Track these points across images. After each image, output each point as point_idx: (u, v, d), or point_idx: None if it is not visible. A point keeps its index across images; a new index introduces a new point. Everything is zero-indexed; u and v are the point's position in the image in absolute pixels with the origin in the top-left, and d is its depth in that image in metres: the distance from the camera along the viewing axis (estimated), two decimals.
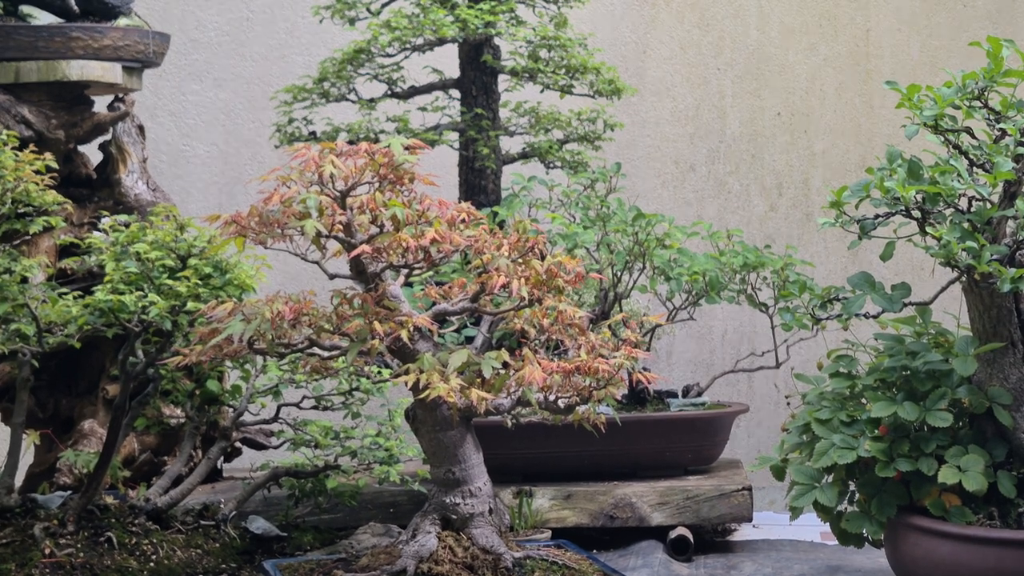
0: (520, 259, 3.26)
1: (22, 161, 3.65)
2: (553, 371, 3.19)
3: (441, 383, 3.08)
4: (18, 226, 3.70)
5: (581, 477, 4.34)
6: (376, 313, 3.19)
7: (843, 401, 3.69)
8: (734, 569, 4.10)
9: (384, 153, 3.22)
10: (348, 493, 3.99)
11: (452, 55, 4.95)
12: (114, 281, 3.60)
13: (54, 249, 4.29)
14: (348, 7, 4.83)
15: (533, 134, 4.93)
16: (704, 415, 4.46)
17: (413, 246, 3.18)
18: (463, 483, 3.37)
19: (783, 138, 5.83)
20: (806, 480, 3.62)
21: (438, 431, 3.35)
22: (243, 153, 5.73)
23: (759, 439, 5.66)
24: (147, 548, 3.71)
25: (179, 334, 3.62)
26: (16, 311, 3.63)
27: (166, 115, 5.72)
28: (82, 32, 4.35)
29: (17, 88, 4.33)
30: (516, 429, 3.70)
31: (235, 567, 3.80)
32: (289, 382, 3.99)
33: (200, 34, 5.75)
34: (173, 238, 3.67)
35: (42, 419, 4.38)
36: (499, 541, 3.37)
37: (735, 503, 4.29)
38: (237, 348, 3.19)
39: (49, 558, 3.56)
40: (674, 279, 4.42)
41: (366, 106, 4.82)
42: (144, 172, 4.60)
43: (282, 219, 3.16)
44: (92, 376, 4.44)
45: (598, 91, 4.88)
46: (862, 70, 5.84)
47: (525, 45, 4.85)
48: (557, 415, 3.35)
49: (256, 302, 3.22)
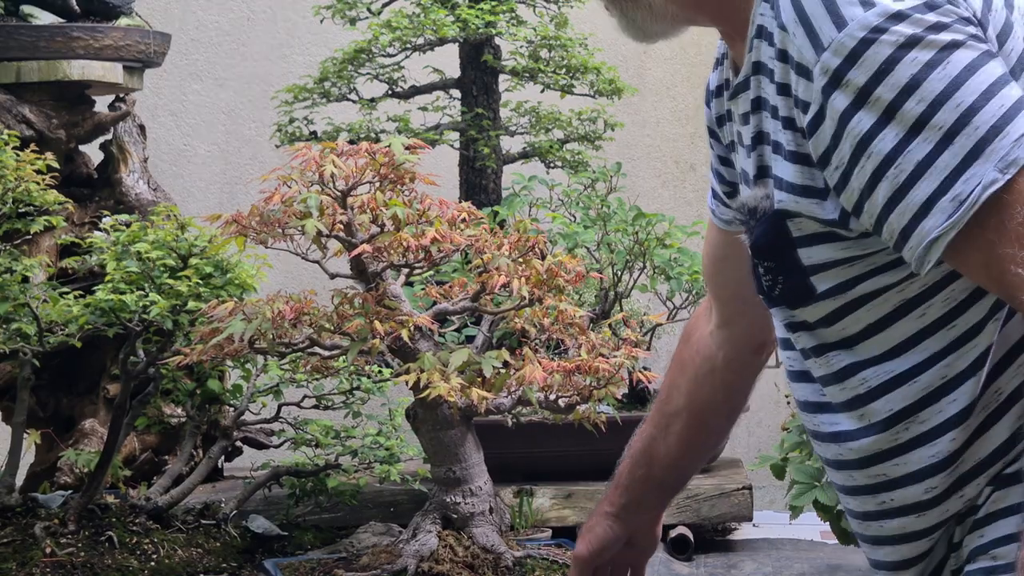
0: (521, 258, 3.27)
1: (23, 161, 3.66)
2: (554, 370, 3.20)
3: (442, 382, 3.09)
4: (19, 225, 3.70)
5: (582, 476, 4.34)
6: (377, 312, 3.19)
7: None
8: (734, 568, 4.10)
9: (385, 153, 3.22)
10: (349, 492, 3.99)
11: (453, 55, 4.95)
12: (115, 280, 3.60)
13: (55, 249, 4.29)
14: (349, 7, 4.83)
15: (534, 134, 4.93)
16: None
17: (414, 245, 3.18)
18: (464, 482, 3.37)
19: None
20: (806, 479, 3.62)
21: (439, 430, 3.36)
22: (244, 153, 5.73)
23: (759, 438, 5.66)
24: (148, 547, 3.71)
25: (180, 333, 3.62)
26: (17, 310, 3.63)
27: (167, 115, 5.72)
28: (83, 32, 4.35)
29: (18, 88, 4.33)
30: (517, 428, 3.70)
31: (236, 566, 3.80)
32: (290, 381, 3.99)
33: (201, 34, 5.76)
34: (174, 237, 3.67)
35: (43, 418, 4.39)
36: (500, 540, 3.37)
37: (735, 502, 4.29)
38: (238, 347, 3.19)
39: (50, 557, 3.57)
40: (674, 278, 4.42)
41: (367, 106, 4.82)
42: (145, 172, 4.60)
43: (283, 218, 3.16)
44: (93, 375, 4.44)
45: (599, 91, 4.88)
46: None
47: (526, 45, 4.85)
48: (558, 414, 3.35)
49: (257, 301, 3.23)
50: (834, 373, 1.53)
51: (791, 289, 1.51)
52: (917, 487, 1.51)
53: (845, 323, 1.50)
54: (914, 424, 1.49)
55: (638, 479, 2.03)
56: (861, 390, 1.51)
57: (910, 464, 1.51)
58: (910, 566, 1.57)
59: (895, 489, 1.53)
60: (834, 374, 1.54)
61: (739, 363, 1.91)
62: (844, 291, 1.48)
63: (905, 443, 1.50)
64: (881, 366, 1.49)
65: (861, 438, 1.53)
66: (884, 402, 1.50)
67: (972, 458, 1.49)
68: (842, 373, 1.53)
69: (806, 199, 1.45)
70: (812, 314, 1.52)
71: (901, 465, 1.52)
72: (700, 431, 1.98)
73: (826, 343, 1.53)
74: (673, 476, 2.05)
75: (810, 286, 1.49)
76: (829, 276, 1.48)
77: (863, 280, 1.47)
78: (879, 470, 1.53)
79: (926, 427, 1.49)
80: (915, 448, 1.50)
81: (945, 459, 1.49)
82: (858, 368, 1.51)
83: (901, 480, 1.52)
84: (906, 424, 1.49)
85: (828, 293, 1.49)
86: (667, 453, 2.00)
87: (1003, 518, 1.48)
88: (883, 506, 1.55)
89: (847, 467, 1.57)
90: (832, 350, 1.53)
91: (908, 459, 1.51)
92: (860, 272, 1.47)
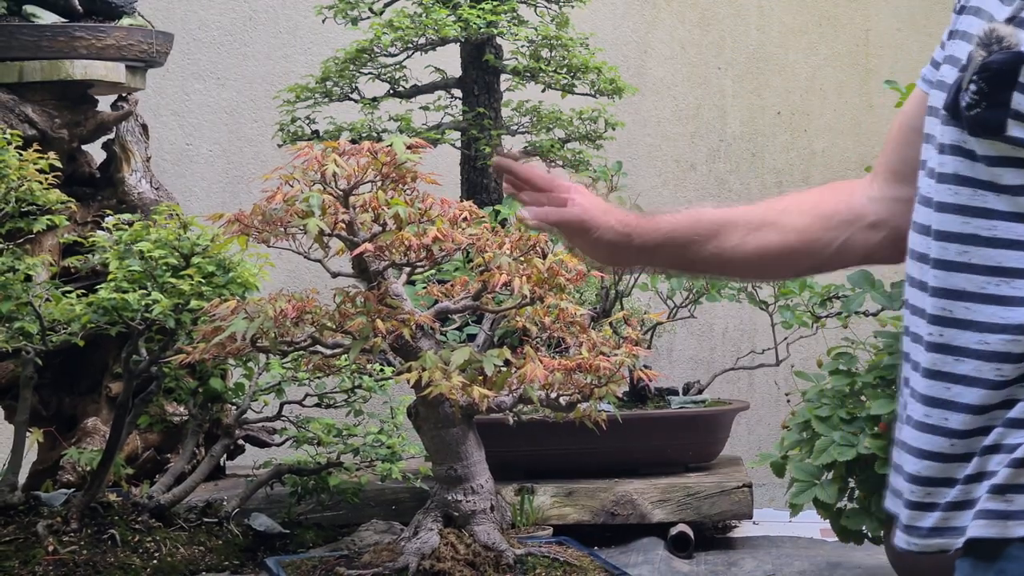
0: (522, 257, 3.28)
1: (26, 160, 3.66)
2: (555, 369, 3.21)
3: (443, 381, 3.10)
4: (22, 225, 3.71)
5: (582, 474, 4.35)
6: (379, 311, 3.20)
7: (843, 398, 3.70)
8: (735, 566, 4.11)
9: (387, 152, 3.23)
10: (350, 490, 4.00)
11: (454, 55, 4.96)
12: (118, 279, 3.61)
13: (58, 248, 4.30)
14: (351, 7, 4.84)
15: (535, 133, 4.94)
16: (705, 412, 4.47)
17: (415, 244, 3.19)
18: (465, 480, 3.38)
19: (783, 137, 5.84)
20: (806, 477, 3.63)
21: (440, 428, 3.36)
22: (246, 152, 5.74)
23: (759, 436, 5.67)
24: (150, 545, 3.72)
25: (182, 332, 3.63)
26: (20, 309, 3.64)
27: (169, 114, 5.73)
28: (86, 32, 4.36)
29: (21, 87, 4.34)
30: (518, 426, 3.71)
31: (238, 564, 3.81)
32: (292, 380, 4.00)
33: (203, 33, 5.77)
34: (176, 237, 3.68)
35: (45, 417, 4.39)
36: (501, 538, 3.38)
37: (736, 500, 4.30)
38: (240, 346, 3.20)
39: (52, 555, 3.58)
40: (675, 277, 4.43)
41: (369, 105, 4.83)
42: (147, 171, 4.61)
43: (285, 218, 3.17)
44: (95, 374, 4.45)
45: (599, 90, 4.89)
46: (862, 70, 5.85)
47: (527, 45, 4.86)
48: (559, 412, 3.36)
49: (259, 300, 3.23)
50: (968, 207, 1.59)
51: (986, 119, 1.55)
52: (973, 335, 1.58)
53: (1007, 171, 1.56)
54: (1006, 285, 1.56)
55: (678, 233, 1.91)
56: (983, 232, 1.58)
57: (980, 315, 1.57)
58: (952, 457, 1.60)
59: (953, 328, 1.59)
60: (967, 207, 1.59)
61: (872, 238, 1.89)
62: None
63: (989, 295, 1.57)
64: (1013, 225, 1.56)
65: (943, 269, 1.60)
66: (996, 253, 1.57)
67: None
68: (977, 211, 1.58)
69: None
70: (985, 148, 1.57)
71: (974, 311, 1.58)
72: (787, 258, 1.90)
73: (976, 179, 1.58)
74: (710, 263, 1.93)
75: (1004, 124, 1.54)
76: (1022, 129, 1.54)
77: None
78: (951, 305, 1.59)
79: (1015, 292, 1.55)
80: (993, 305, 1.57)
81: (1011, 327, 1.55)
82: (994, 215, 1.57)
83: (975, 324, 1.58)
84: (999, 281, 1.57)
85: (1013, 140, 1.54)
86: (734, 245, 1.90)
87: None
88: (931, 338, 1.61)
89: (926, 290, 1.62)
90: (979, 188, 1.58)
91: (983, 310, 1.57)
92: None
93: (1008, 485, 1.54)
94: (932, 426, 1.61)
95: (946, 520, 1.59)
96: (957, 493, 1.59)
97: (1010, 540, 1.54)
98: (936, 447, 1.60)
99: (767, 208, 1.92)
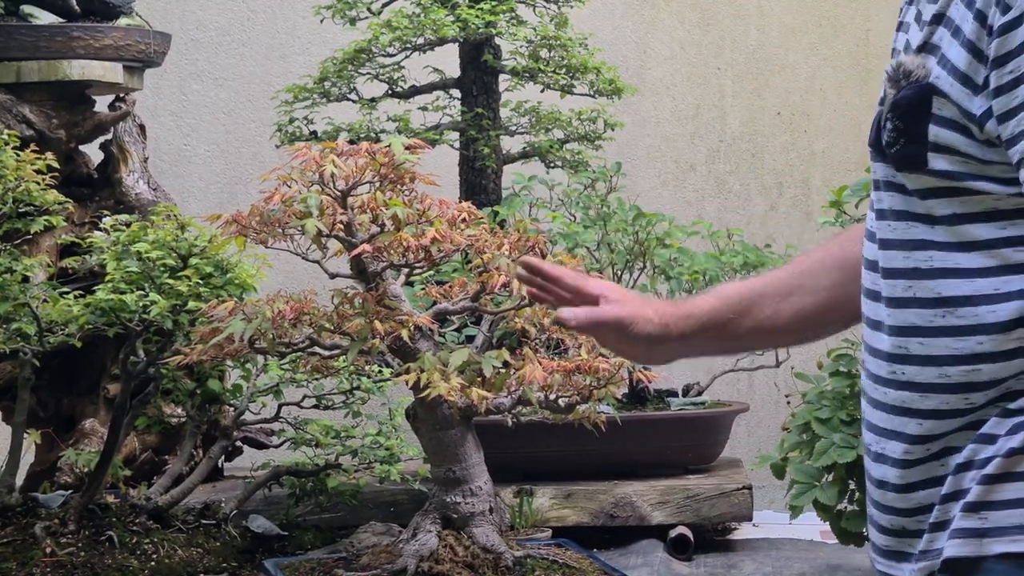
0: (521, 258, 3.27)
1: (23, 160, 3.66)
2: (553, 370, 3.20)
3: (442, 382, 3.09)
4: (19, 225, 3.70)
5: (581, 476, 4.34)
6: (377, 312, 3.19)
7: (843, 400, 3.69)
8: (734, 568, 4.10)
9: (385, 153, 3.22)
10: (349, 492, 4.00)
11: (453, 55, 4.95)
12: (115, 280, 3.60)
13: (55, 248, 4.29)
14: (349, 7, 4.83)
15: (533, 133, 4.94)
16: (704, 414, 4.47)
17: (414, 245, 3.19)
18: (464, 482, 3.37)
19: (783, 137, 5.83)
20: (806, 479, 3.62)
21: (439, 430, 3.36)
22: (244, 152, 5.73)
23: (759, 438, 5.66)
24: (148, 547, 3.71)
25: (180, 333, 3.62)
26: (17, 310, 3.63)
27: (167, 115, 5.73)
28: (83, 32, 4.35)
29: (18, 88, 4.33)
30: (516, 428, 3.70)
31: (236, 566, 3.80)
32: (290, 381, 3.99)
33: (201, 34, 5.76)
34: (174, 237, 3.67)
35: (43, 418, 4.39)
36: (499, 540, 3.37)
37: (735, 502, 4.29)
38: (238, 347, 3.20)
39: (50, 557, 3.57)
40: (674, 278, 4.42)
41: (367, 106, 4.82)
42: (145, 171, 4.60)
43: (283, 218, 3.16)
44: (93, 375, 4.45)
45: (598, 91, 4.88)
46: (862, 70, 5.84)
47: (526, 45, 4.85)
48: (558, 414, 3.35)
49: (257, 301, 3.23)
50: (906, 240, 1.60)
51: (907, 154, 1.57)
52: (933, 370, 1.58)
53: (938, 203, 1.57)
54: (951, 315, 1.57)
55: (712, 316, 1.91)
56: (923, 265, 1.58)
57: (934, 348, 1.58)
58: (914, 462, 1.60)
59: (912, 365, 1.60)
60: (906, 241, 1.60)
61: None
62: (951, 178, 1.55)
63: (938, 327, 1.58)
64: (949, 254, 1.56)
65: (895, 307, 1.61)
66: (935, 284, 1.57)
67: (990, 373, 1.55)
68: (915, 244, 1.59)
69: (961, 87, 1.51)
70: (913, 182, 1.58)
71: (928, 345, 1.58)
72: (823, 317, 1.90)
73: (911, 212, 1.60)
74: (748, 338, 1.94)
75: (925, 159, 1.55)
76: (944, 159, 1.54)
77: (970, 179, 1.54)
78: (906, 343, 1.60)
79: (961, 322, 1.56)
80: (944, 336, 1.57)
81: (966, 356, 1.56)
82: (930, 246, 1.58)
83: (932, 359, 1.59)
84: (944, 312, 1.57)
85: (936, 172, 1.55)
86: (769, 316, 1.90)
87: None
88: (894, 376, 1.61)
89: (881, 328, 1.63)
90: (914, 220, 1.59)
91: (936, 343, 1.58)
92: (972, 171, 1.53)
93: (981, 502, 1.54)
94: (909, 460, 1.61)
95: (930, 542, 1.59)
96: (937, 513, 1.59)
97: (985, 557, 1.53)
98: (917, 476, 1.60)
99: (792, 273, 1.92)
